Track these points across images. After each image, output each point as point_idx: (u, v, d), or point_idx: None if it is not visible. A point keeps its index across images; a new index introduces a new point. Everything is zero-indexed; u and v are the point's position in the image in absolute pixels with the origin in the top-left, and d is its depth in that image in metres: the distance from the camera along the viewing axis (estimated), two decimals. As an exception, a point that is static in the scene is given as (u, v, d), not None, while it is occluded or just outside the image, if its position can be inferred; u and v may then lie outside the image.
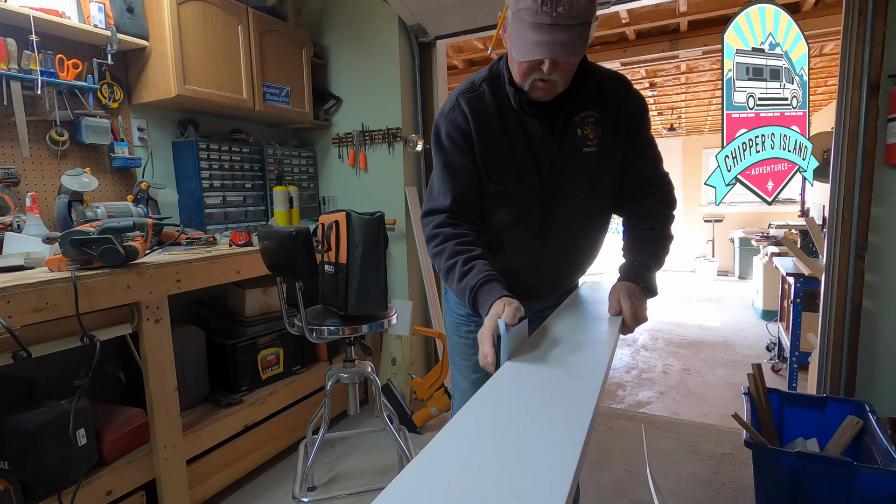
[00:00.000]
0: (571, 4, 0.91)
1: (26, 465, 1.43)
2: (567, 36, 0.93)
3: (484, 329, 0.93)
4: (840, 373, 2.13)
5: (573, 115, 1.13)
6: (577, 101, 1.12)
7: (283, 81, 2.63)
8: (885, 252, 2.01)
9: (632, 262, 1.12)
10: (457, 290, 1.06)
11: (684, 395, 3.11)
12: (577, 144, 1.13)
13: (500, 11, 2.56)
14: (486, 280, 1.01)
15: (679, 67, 4.09)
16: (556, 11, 0.91)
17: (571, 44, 0.93)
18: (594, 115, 1.13)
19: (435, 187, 1.18)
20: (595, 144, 1.13)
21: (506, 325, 0.88)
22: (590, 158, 1.14)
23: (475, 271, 1.03)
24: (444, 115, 1.16)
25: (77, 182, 1.89)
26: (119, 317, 1.62)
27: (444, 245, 1.10)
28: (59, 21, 1.83)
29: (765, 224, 6.51)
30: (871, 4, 1.89)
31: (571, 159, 1.14)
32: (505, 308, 0.91)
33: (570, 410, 0.68)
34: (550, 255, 1.23)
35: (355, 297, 1.77)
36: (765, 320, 4.57)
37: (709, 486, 2.07)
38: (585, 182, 1.16)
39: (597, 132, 1.13)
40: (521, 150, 1.13)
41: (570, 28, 0.93)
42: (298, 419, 2.38)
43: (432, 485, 0.51)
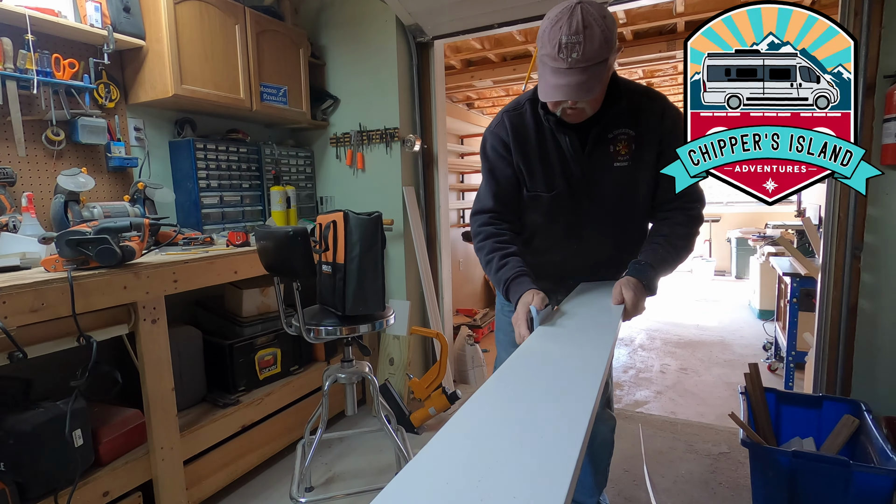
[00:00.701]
0: (584, 50, 1.04)
1: (22, 466, 1.42)
2: (581, 78, 1.07)
3: (517, 315, 1.13)
4: (836, 372, 2.13)
5: (606, 132, 1.26)
6: (610, 120, 1.25)
7: (280, 81, 2.63)
8: (880, 252, 2.02)
9: (639, 261, 1.26)
10: (494, 280, 1.28)
11: (681, 395, 3.12)
12: (609, 159, 1.28)
13: (497, 12, 2.56)
14: (518, 275, 1.22)
15: (676, 68, 4.10)
16: (571, 57, 1.05)
17: (585, 84, 1.07)
18: (628, 132, 1.27)
19: (481, 191, 1.40)
20: (627, 160, 1.27)
21: (536, 309, 1.09)
22: (621, 172, 1.28)
23: (509, 267, 1.24)
24: (490, 130, 1.36)
25: (73, 182, 1.89)
26: (116, 317, 1.62)
27: (485, 242, 1.32)
28: (55, 20, 1.83)
29: (761, 224, 6.53)
30: (866, 5, 1.90)
31: (600, 173, 1.29)
32: (534, 297, 1.13)
33: (568, 410, 0.68)
34: (582, 255, 1.39)
35: (353, 297, 1.77)
36: (761, 320, 4.58)
37: (706, 486, 2.08)
38: (615, 193, 1.31)
39: (629, 148, 1.27)
40: (553, 162, 1.30)
41: (584, 70, 1.06)
42: (296, 419, 2.38)
43: (431, 485, 0.51)
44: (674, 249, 1.28)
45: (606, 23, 1.07)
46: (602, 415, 1.62)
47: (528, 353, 0.95)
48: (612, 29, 1.09)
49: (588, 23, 1.04)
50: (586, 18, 1.04)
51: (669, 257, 1.27)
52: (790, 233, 4.11)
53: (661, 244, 1.28)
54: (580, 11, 1.05)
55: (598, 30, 1.04)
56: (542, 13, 2.50)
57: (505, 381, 0.81)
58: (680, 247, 1.29)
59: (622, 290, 1.19)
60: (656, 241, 1.30)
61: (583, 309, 1.22)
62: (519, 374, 0.85)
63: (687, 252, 1.31)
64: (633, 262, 1.26)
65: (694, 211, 1.32)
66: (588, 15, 1.05)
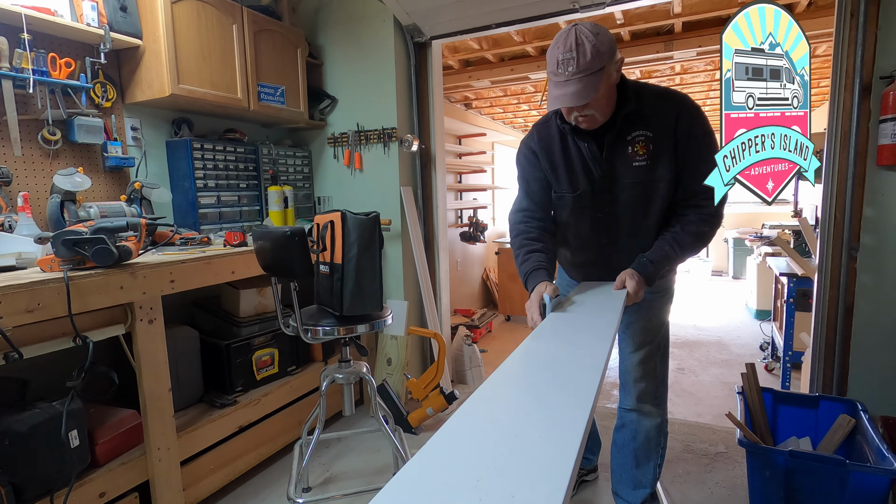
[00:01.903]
0: (578, 63, 1.21)
1: (18, 466, 1.42)
2: (577, 87, 1.23)
3: (531, 301, 1.33)
4: (833, 372, 2.14)
5: (624, 135, 1.39)
6: (625, 123, 1.37)
7: (277, 81, 2.62)
8: (876, 252, 2.02)
9: (644, 256, 1.43)
10: (519, 271, 1.49)
11: (679, 395, 3.13)
12: (628, 160, 1.40)
13: (495, 12, 2.57)
14: (536, 268, 1.43)
15: (673, 68, 4.10)
16: (567, 70, 1.23)
17: (581, 91, 1.23)
18: (646, 134, 1.38)
19: (518, 194, 1.63)
20: (645, 159, 1.38)
21: (549, 297, 1.28)
22: (639, 172, 1.40)
23: (530, 261, 1.46)
24: (523, 141, 1.57)
25: (69, 182, 1.88)
26: (112, 317, 1.61)
27: (516, 238, 1.56)
28: (51, 19, 1.82)
29: (758, 224, 6.55)
30: (862, 6, 1.90)
31: (620, 172, 1.41)
32: (546, 287, 1.32)
33: (566, 411, 0.69)
34: (611, 249, 1.54)
35: (350, 297, 1.76)
36: (758, 320, 4.60)
37: (703, 485, 2.08)
38: (636, 191, 1.42)
39: (647, 149, 1.38)
40: (575, 166, 1.46)
41: (579, 80, 1.23)
42: (293, 420, 2.38)
43: (429, 486, 0.51)
44: (679, 247, 1.42)
45: (598, 38, 1.22)
46: (645, 410, 1.68)
47: (528, 352, 0.95)
48: (605, 41, 1.23)
49: (580, 41, 1.22)
50: (578, 37, 1.22)
51: (673, 253, 1.42)
52: (787, 233, 4.12)
53: (668, 241, 1.43)
54: (574, 33, 1.23)
55: (588, 45, 1.21)
56: (540, 13, 2.53)
57: (503, 382, 0.81)
58: (686, 244, 1.42)
59: (626, 279, 1.38)
60: (665, 237, 1.44)
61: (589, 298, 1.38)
62: (517, 373, 0.86)
63: (694, 249, 1.45)
64: (639, 256, 1.43)
65: (707, 209, 1.41)
66: (580, 34, 1.22)
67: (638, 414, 1.69)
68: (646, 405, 1.67)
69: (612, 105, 1.34)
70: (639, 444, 1.70)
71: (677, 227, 1.44)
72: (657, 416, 1.68)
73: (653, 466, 1.71)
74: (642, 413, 1.68)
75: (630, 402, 1.69)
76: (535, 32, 3.39)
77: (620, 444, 1.75)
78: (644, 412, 1.68)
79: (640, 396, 1.67)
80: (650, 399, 1.67)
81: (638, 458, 1.71)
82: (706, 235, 1.44)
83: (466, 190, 5.46)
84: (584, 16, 2.47)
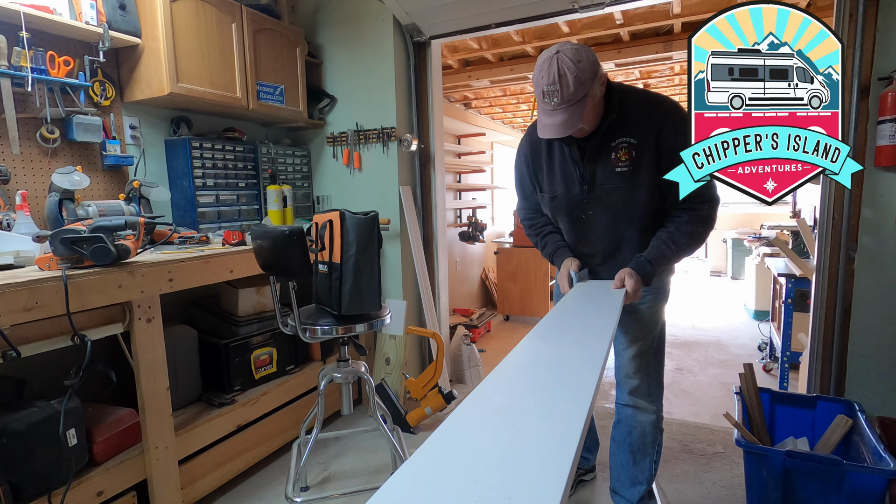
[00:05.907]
0: (562, 95, 1.28)
1: (16, 465, 1.41)
2: (564, 116, 1.30)
3: (561, 275, 1.58)
4: (830, 372, 2.15)
5: (608, 141, 1.45)
6: (609, 130, 1.43)
7: (277, 80, 2.62)
8: (875, 253, 2.03)
9: (641, 256, 1.48)
10: (543, 253, 1.70)
11: (677, 395, 3.13)
12: (611, 166, 1.46)
13: (494, 12, 2.57)
14: (558, 248, 1.65)
15: (673, 69, 4.10)
16: (553, 101, 1.29)
17: (568, 121, 1.31)
18: (629, 140, 1.43)
19: (516, 192, 1.77)
20: (627, 165, 1.44)
21: (574, 272, 1.55)
22: (621, 177, 1.45)
23: (549, 244, 1.67)
24: (519, 145, 1.68)
25: (68, 180, 1.88)
26: (110, 316, 1.61)
27: (529, 231, 1.76)
28: (49, 17, 1.81)
29: (757, 225, 6.56)
30: (861, 8, 1.91)
31: (602, 177, 1.47)
32: (572, 262, 1.57)
33: (564, 410, 0.69)
34: (597, 245, 1.60)
35: (349, 296, 1.76)
36: (757, 320, 4.60)
37: (700, 485, 2.09)
38: (618, 195, 1.48)
39: (630, 155, 1.43)
40: (559, 169, 1.55)
41: (565, 110, 1.30)
42: (292, 419, 2.38)
43: (427, 485, 0.51)
44: (675, 246, 1.46)
45: (579, 67, 1.28)
46: (640, 405, 1.70)
47: (527, 351, 0.95)
48: (586, 69, 1.28)
49: (563, 72, 1.27)
50: (561, 68, 1.27)
51: (670, 253, 1.47)
52: (785, 234, 4.13)
53: (665, 241, 1.47)
54: (556, 62, 1.28)
55: (570, 77, 1.27)
56: (539, 13, 2.53)
57: (502, 381, 0.81)
58: (682, 244, 1.46)
59: (625, 278, 1.43)
60: (661, 237, 1.49)
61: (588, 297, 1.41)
62: (516, 372, 0.86)
63: (689, 249, 1.49)
64: (636, 256, 1.49)
65: (701, 211, 1.45)
66: (563, 64, 1.27)
67: (633, 409, 1.71)
68: (640, 401, 1.70)
69: (598, 116, 1.41)
70: (634, 440, 1.71)
71: (672, 228, 1.48)
72: (652, 412, 1.70)
73: (649, 463, 1.72)
74: (638, 408, 1.70)
75: (625, 397, 1.72)
76: (535, 32, 3.39)
77: (619, 440, 1.76)
78: (639, 407, 1.70)
79: (633, 392, 1.69)
80: (643, 395, 1.69)
81: (634, 454, 1.72)
82: (701, 235, 1.48)
83: (465, 189, 5.46)
84: (584, 16, 2.47)
